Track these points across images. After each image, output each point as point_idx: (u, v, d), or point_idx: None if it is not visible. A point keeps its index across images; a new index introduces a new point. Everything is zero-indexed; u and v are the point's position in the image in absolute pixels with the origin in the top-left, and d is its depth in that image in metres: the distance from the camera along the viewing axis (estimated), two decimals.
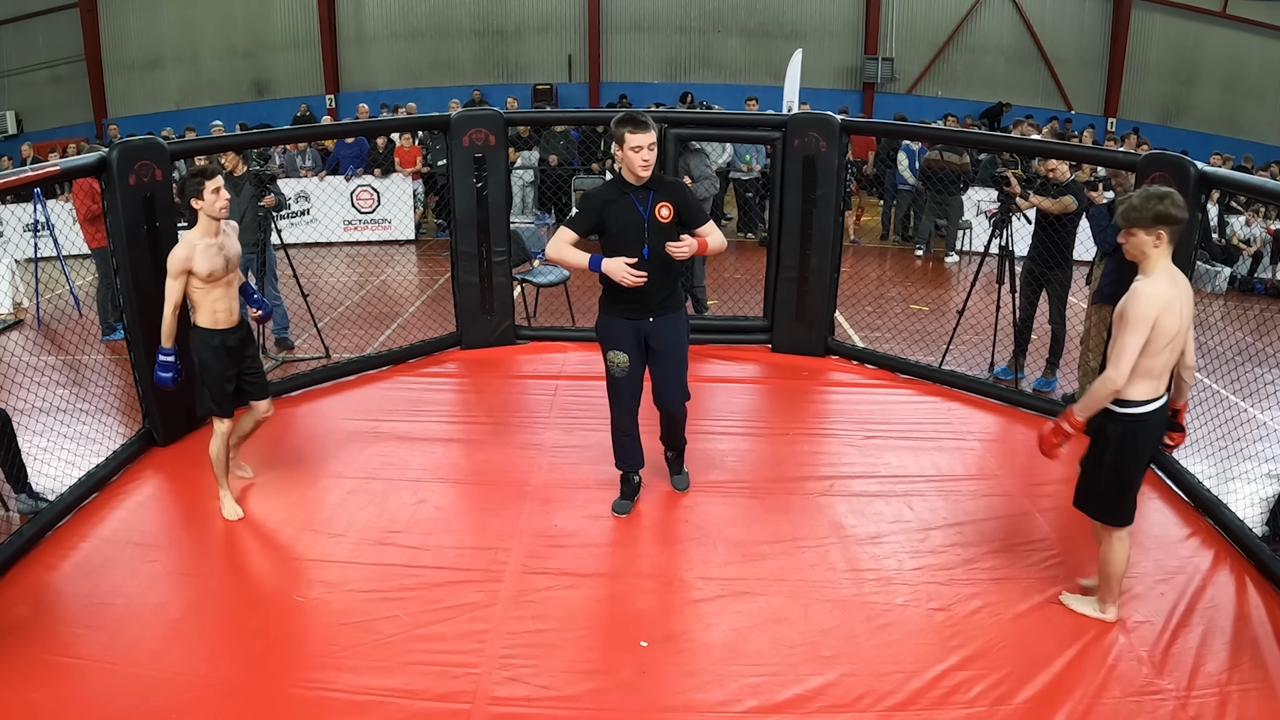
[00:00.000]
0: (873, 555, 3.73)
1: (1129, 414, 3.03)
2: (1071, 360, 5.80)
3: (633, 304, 3.72)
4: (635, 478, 4.12)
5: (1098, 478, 3.14)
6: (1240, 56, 14.39)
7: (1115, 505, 3.16)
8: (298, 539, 3.82)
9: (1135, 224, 2.95)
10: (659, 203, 3.66)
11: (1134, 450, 3.08)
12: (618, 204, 3.67)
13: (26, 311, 7.79)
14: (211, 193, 3.74)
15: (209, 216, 3.78)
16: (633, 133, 3.55)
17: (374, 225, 10.77)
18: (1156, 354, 2.94)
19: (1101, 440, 3.11)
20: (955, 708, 2.87)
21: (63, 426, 4.75)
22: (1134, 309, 2.91)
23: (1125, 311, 2.94)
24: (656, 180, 3.69)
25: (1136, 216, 2.94)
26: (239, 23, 15.31)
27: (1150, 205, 2.92)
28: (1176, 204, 2.92)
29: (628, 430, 3.96)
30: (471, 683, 2.95)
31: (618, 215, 3.66)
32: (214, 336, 3.88)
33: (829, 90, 14.77)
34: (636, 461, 4.06)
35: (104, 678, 2.95)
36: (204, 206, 3.76)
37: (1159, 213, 2.91)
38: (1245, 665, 3.05)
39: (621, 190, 3.68)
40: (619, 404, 3.90)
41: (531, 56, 15.62)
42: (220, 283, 3.85)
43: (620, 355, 3.77)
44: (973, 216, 10.11)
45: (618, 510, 4.04)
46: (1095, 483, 3.16)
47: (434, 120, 6.17)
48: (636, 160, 3.57)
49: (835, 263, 5.96)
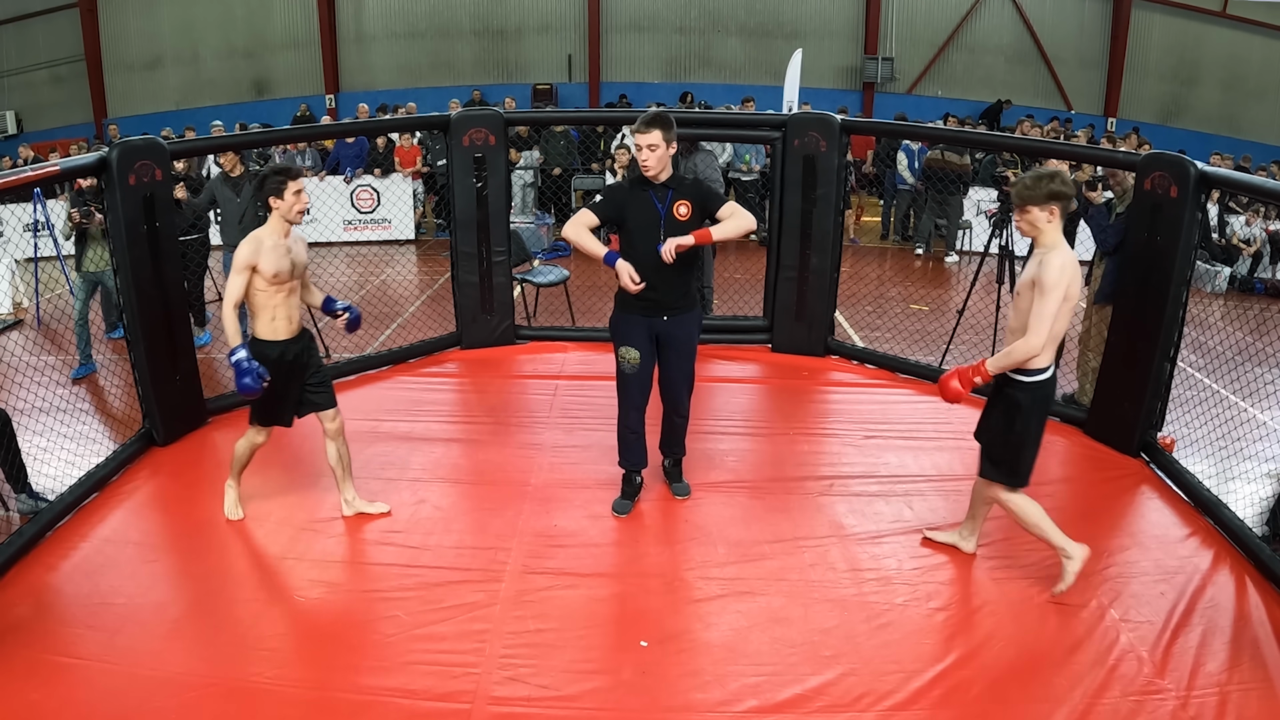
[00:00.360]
0: (873, 555, 3.73)
1: (1036, 381, 3.28)
2: (1071, 360, 5.80)
3: (648, 302, 3.74)
4: (637, 478, 4.13)
5: (1012, 445, 3.35)
6: (1240, 56, 14.39)
7: (1027, 468, 3.39)
8: (298, 539, 3.82)
9: (1029, 202, 3.20)
10: (678, 201, 3.70)
11: (1043, 414, 3.35)
12: (638, 200, 3.72)
13: (26, 311, 7.79)
14: (293, 194, 3.62)
15: (284, 218, 3.65)
16: (635, 133, 3.64)
17: (374, 225, 10.77)
18: (1062, 319, 3.20)
19: (1012, 409, 3.32)
20: (955, 707, 2.87)
21: (63, 426, 4.75)
22: (1049, 277, 3.13)
23: (1042, 280, 3.15)
24: (677, 180, 3.74)
25: (1030, 195, 3.19)
26: (239, 23, 15.31)
27: (1042, 185, 3.17)
28: (1064, 182, 3.19)
29: (634, 428, 3.98)
30: (471, 682, 2.95)
31: (637, 211, 3.71)
32: (272, 349, 3.68)
33: (829, 90, 14.77)
34: (640, 461, 4.08)
35: (104, 678, 2.95)
36: (281, 207, 3.62)
37: (1051, 190, 3.16)
38: (1245, 665, 3.05)
39: (643, 187, 3.74)
40: (627, 400, 3.93)
41: (531, 56, 15.62)
42: (285, 287, 3.69)
43: (632, 352, 3.80)
44: (973, 216, 10.11)
45: (618, 510, 4.05)
46: (1007, 450, 3.37)
47: (434, 120, 6.17)
48: (639, 160, 3.65)
49: (835, 262, 5.96)
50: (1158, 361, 4.47)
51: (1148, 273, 4.47)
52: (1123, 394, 4.65)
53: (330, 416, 3.89)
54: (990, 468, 3.45)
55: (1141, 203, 4.51)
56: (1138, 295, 4.54)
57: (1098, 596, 3.43)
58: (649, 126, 3.61)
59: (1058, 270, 3.13)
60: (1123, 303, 4.69)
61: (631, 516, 4.02)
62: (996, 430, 3.41)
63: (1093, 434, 4.86)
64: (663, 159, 3.65)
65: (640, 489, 4.16)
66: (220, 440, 4.82)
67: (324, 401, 3.88)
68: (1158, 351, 4.46)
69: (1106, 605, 3.38)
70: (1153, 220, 4.42)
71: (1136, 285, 4.55)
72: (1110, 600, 3.41)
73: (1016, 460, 3.38)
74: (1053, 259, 3.16)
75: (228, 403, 5.15)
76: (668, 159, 3.67)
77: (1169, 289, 4.37)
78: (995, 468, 3.43)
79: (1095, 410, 4.88)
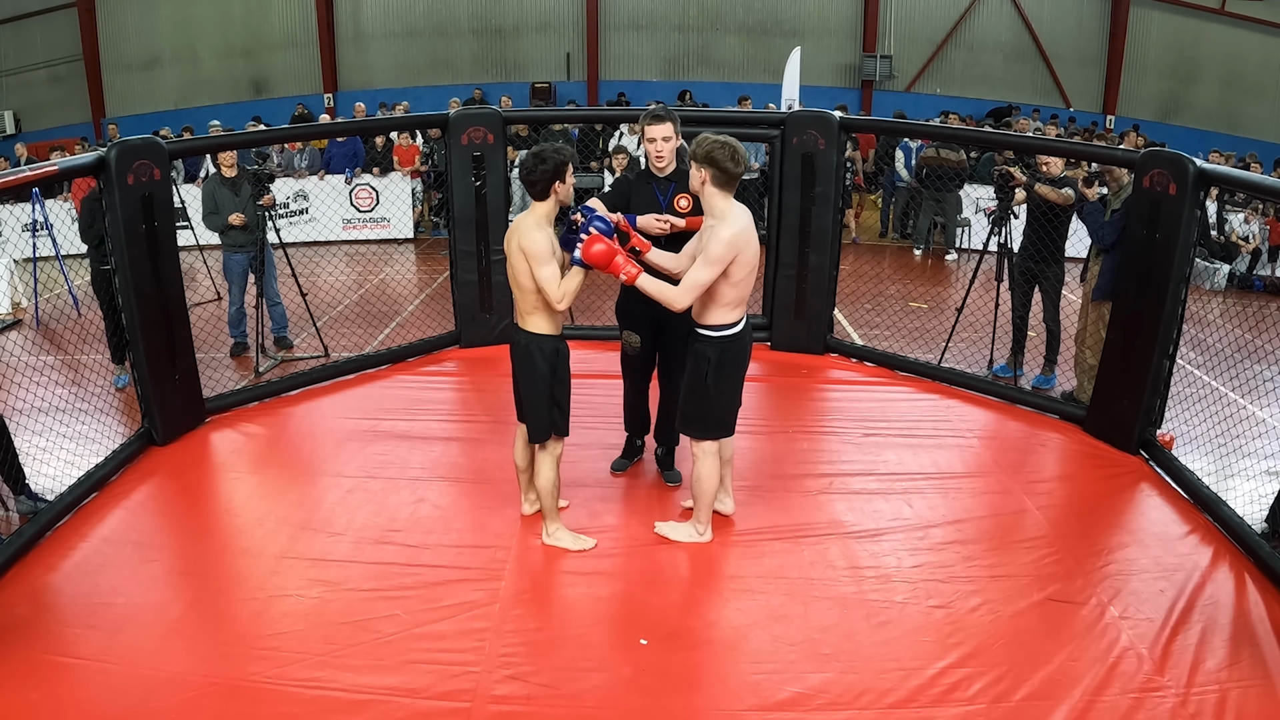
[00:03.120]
0: (872, 553, 3.73)
1: (723, 336, 3.44)
2: (1070, 357, 5.80)
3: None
4: (639, 441, 4.39)
5: (703, 397, 3.51)
6: (1239, 53, 14.39)
7: (719, 419, 3.56)
8: (297, 538, 3.82)
9: (693, 158, 3.32)
10: (679, 194, 3.86)
11: (733, 366, 3.50)
12: (642, 192, 3.92)
13: (25, 311, 7.79)
14: (571, 175, 3.44)
15: (561, 202, 3.45)
16: (648, 125, 3.80)
17: (373, 224, 10.76)
18: (739, 283, 3.35)
19: (702, 363, 3.47)
20: (955, 705, 2.87)
21: (62, 426, 4.74)
22: (713, 250, 3.24)
23: (705, 251, 3.27)
24: (680, 173, 3.90)
25: (693, 152, 3.31)
26: (237, 22, 15.28)
27: (703, 145, 3.28)
28: (732, 156, 3.27)
29: (637, 403, 4.27)
30: (471, 681, 2.95)
31: (640, 202, 3.88)
32: (563, 344, 3.55)
33: (828, 88, 14.76)
34: (643, 427, 4.35)
35: (104, 678, 2.95)
36: (562, 191, 3.42)
37: (708, 152, 3.26)
38: (1245, 662, 3.05)
39: (647, 180, 3.93)
40: (630, 379, 4.22)
41: (530, 55, 15.60)
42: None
43: (634, 336, 3.97)
44: (972, 214, 10.11)
45: (615, 468, 4.31)
46: (700, 403, 3.52)
47: (432, 119, 6.16)
48: (652, 151, 3.83)
49: (834, 260, 5.96)
50: (1157, 359, 4.48)
51: (1147, 270, 4.47)
52: (1122, 391, 4.65)
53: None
54: (683, 422, 3.61)
55: (1140, 200, 4.51)
56: (1137, 292, 4.54)
57: (1097, 594, 3.43)
58: (661, 120, 3.78)
59: (725, 245, 3.23)
60: (1122, 300, 4.69)
61: (630, 515, 4.02)
62: (687, 385, 3.57)
63: (1092, 431, 4.86)
64: (674, 150, 3.84)
65: (641, 451, 4.41)
66: (219, 440, 4.83)
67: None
68: (1157, 349, 4.46)
69: (1106, 603, 3.38)
70: (1152, 217, 4.42)
71: (1136, 282, 4.56)
72: (1110, 598, 3.41)
73: (704, 411, 3.52)
74: (720, 231, 3.26)
75: (227, 402, 5.15)
76: (675, 151, 3.87)
77: (1168, 286, 4.37)
78: (686, 422, 3.59)
79: (1094, 407, 4.88)
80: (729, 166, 3.27)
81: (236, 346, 6.54)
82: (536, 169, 3.36)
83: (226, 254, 6.45)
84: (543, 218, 3.41)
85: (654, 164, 3.88)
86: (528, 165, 3.37)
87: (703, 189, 3.35)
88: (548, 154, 3.36)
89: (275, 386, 5.42)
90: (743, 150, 3.33)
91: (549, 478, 3.62)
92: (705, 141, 3.31)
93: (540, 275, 3.34)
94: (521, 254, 3.35)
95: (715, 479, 3.65)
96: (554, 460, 3.62)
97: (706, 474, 3.61)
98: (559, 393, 3.55)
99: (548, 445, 3.60)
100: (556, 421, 3.57)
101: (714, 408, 3.53)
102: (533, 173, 3.37)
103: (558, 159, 3.36)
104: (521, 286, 3.44)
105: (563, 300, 3.37)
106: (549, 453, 3.61)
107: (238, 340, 6.55)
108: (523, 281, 3.41)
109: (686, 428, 3.63)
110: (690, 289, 3.31)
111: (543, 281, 3.35)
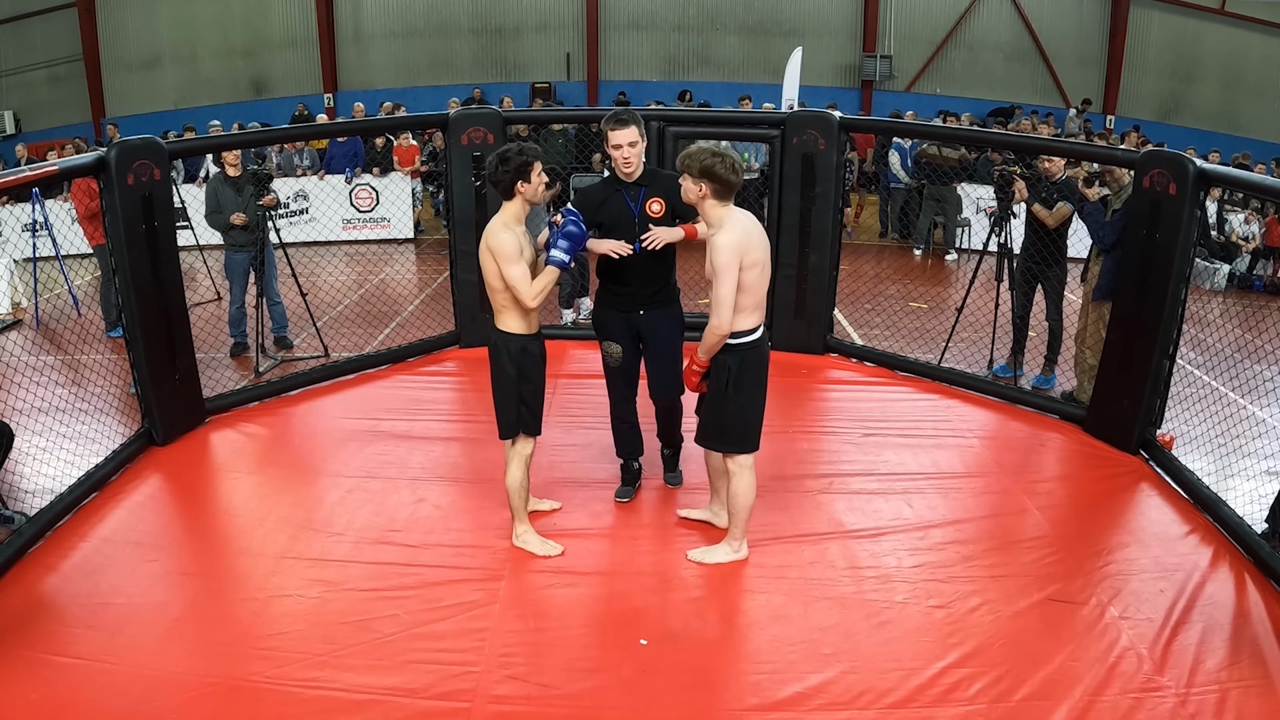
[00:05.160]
0: (872, 553, 3.73)
1: (741, 344, 3.35)
2: (1070, 357, 5.80)
3: (623, 297, 3.79)
4: (635, 465, 4.18)
5: (723, 409, 3.41)
6: (1239, 53, 14.38)
7: (742, 432, 3.44)
8: (297, 538, 3.81)
9: (684, 170, 3.25)
10: (650, 198, 3.72)
11: (754, 375, 3.41)
12: (610, 200, 3.74)
13: (25, 311, 7.79)
14: (538, 175, 3.41)
15: (529, 201, 3.43)
16: (612, 130, 3.64)
17: (373, 224, 10.77)
18: (749, 287, 3.26)
19: (723, 373, 3.37)
20: (955, 705, 2.87)
21: (62, 426, 4.74)
22: (719, 260, 3.19)
23: (714, 264, 3.21)
24: (649, 175, 3.75)
25: (685, 164, 3.26)
26: (237, 22, 15.28)
27: (697, 157, 3.22)
28: (729, 165, 3.23)
29: (625, 418, 4.04)
30: (471, 681, 2.95)
31: (610, 211, 3.73)
32: (533, 343, 3.52)
33: (827, 88, 14.76)
34: (635, 450, 4.13)
35: (104, 678, 2.95)
36: (527, 190, 3.39)
37: (704, 165, 3.20)
38: (1245, 662, 3.05)
39: (614, 187, 3.76)
40: (615, 392, 4.00)
41: (530, 55, 15.60)
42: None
43: (613, 346, 3.86)
44: (972, 214, 10.11)
45: (620, 496, 4.10)
46: (721, 415, 3.42)
47: (432, 119, 6.16)
48: (618, 158, 3.67)
49: (834, 260, 5.96)
50: (1157, 359, 4.48)
51: (1147, 270, 4.47)
52: (1122, 391, 4.65)
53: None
54: (704, 436, 3.54)
55: (1141, 200, 4.51)
56: (1137, 292, 4.54)
57: (1097, 594, 3.43)
58: (625, 123, 3.62)
59: (727, 252, 3.17)
60: (1122, 300, 4.69)
61: (630, 515, 4.02)
62: (709, 397, 3.46)
63: (1092, 431, 4.86)
64: (641, 155, 3.68)
65: (640, 475, 4.19)
66: (219, 440, 4.83)
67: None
68: (1157, 349, 4.46)
69: (1106, 603, 3.38)
70: (1152, 217, 4.42)
71: (1136, 282, 4.55)
72: (1110, 598, 3.41)
73: (728, 424, 3.43)
74: (718, 240, 3.20)
75: (227, 402, 5.15)
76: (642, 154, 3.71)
77: (1168, 286, 4.37)
78: (707, 435, 3.52)
79: (1094, 407, 4.88)
80: (729, 178, 3.22)
81: (236, 346, 6.54)
82: (498, 169, 3.37)
83: (228, 253, 6.45)
84: (511, 218, 3.41)
85: (620, 170, 3.69)
86: (491, 166, 3.39)
87: (702, 203, 3.28)
88: (510, 154, 3.37)
89: (275, 386, 5.42)
90: (737, 157, 3.29)
91: (516, 477, 3.60)
92: (700, 154, 3.23)
93: (509, 275, 3.34)
94: (490, 254, 3.36)
95: (752, 494, 3.52)
96: (523, 460, 3.60)
97: (743, 490, 3.49)
98: (527, 392, 3.52)
99: (517, 444, 3.59)
100: (524, 420, 3.54)
101: (735, 420, 3.42)
102: (495, 173, 3.39)
103: (520, 160, 3.36)
104: (491, 286, 3.45)
105: (535, 299, 3.39)
106: (517, 452, 3.59)
107: (238, 340, 6.55)
108: (492, 281, 3.42)
109: (706, 440, 3.54)
110: (720, 306, 3.22)
111: (512, 281, 3.35)
